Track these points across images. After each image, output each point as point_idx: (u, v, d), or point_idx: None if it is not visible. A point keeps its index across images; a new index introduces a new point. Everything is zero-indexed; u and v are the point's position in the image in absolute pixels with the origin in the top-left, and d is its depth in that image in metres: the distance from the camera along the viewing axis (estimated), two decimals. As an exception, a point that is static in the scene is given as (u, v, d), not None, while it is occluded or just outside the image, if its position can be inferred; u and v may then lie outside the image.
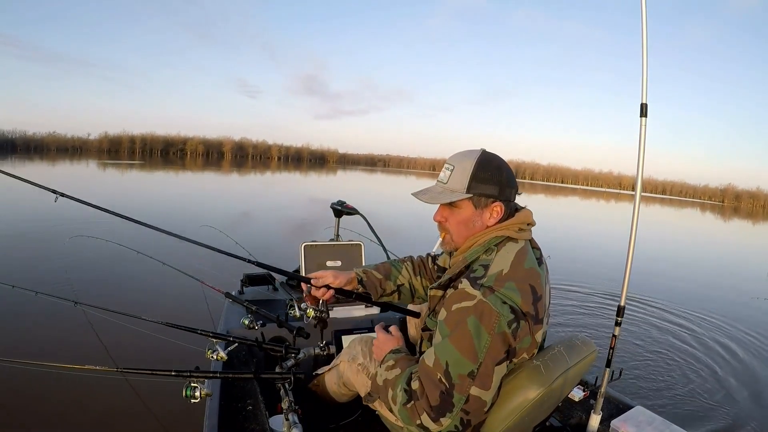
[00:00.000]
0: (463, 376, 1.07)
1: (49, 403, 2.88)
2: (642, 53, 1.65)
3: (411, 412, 1.12)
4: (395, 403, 1.18)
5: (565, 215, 22.08)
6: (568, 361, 1.22)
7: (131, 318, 2.02)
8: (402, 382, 1.19)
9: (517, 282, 1.12)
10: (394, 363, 1.27)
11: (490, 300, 1.07)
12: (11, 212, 10.09)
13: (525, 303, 1.11)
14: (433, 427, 1.10)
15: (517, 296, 1.10)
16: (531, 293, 1.13)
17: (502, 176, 1.24)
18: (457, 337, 1.07)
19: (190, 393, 1.48)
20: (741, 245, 17.61)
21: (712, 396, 3.59)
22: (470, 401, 1.08)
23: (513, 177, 1.25)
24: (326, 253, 2.76)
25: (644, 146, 1.71)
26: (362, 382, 1.66)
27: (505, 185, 1.23)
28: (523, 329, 1.10)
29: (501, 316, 1.07)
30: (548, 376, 1.15)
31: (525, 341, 1.13)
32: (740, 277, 9.95)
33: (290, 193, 20.95)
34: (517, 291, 1.11)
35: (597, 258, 9.71)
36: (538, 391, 1.13)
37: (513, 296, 1.10)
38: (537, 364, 1.16)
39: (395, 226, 10.12)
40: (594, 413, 1.84)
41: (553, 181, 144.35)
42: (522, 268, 1.15)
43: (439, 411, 1.08)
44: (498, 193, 1.23)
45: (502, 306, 1.08)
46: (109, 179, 23.20)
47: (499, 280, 1.12)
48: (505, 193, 1.23)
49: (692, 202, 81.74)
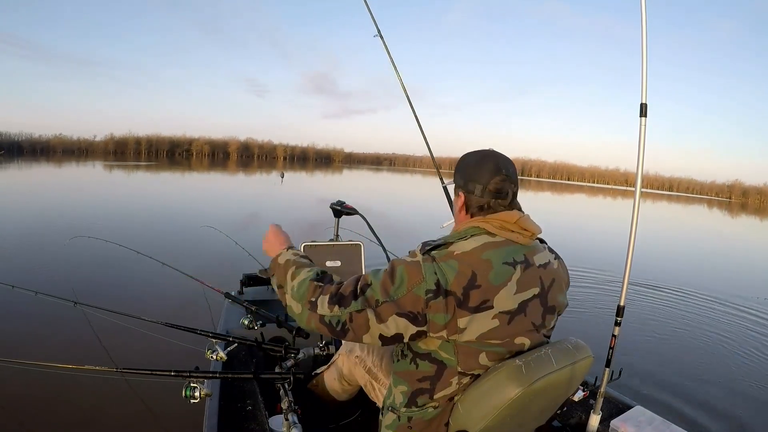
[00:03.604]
0: (371, 297, 1.15)
1: (49, 404, 2.88)
2: (642, 54, 1.65)
3: (314, 288, 1.21)
4: (296, 277, 1.27)
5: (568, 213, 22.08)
6: (554, 363, 1.19)
7: (131, 318, 2.02)
8: (315, 268, 1.30)
9: (461, 264, 1.14)
10: (298, 256, 1.37)
11: (425, 265, 1.14)
12: (11, 213, 10.10)
13: (455, 284, 1.12)
14: (321, 309, 1.17)
15: (451, 275, 1.13)
16: (468, 278, 1.13)
17: (469, 169, 1.29)
18: (386, 273, 1.17)
19: (190, 393, 1.48)
20: (747, 244, 17.60)
21: (713, 396, 3.59)
22: (360, 315, 1.14)
23: (483, 173, 1.26)
24: (326, 253, 2.76)
25: (644, 146, 1.71)
26: (360, 374, 1.67)
27: (468, 178, 1.28)
28: (438, 304, 1.11)
29: (424, 282, 1.12)
30: (529, 376, 1.13)
31: (438, 317, 1.12)
32: (743, 276, 9.95)
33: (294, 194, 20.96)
34: (455, 271, 1.13)
35: (598, 256, 9.72)
36: (516, 391, 1.12)
37: (447, 273, 1.13)
38: (519, 364, 1.15)
39: (395, 225, 10.13)
40: (594, 413, 1.84)
41: (560, 179, 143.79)
42: (478, 257, 1.16)
43: (338, 300, 1.17)
44: (462, 184, 1.29)
45: (431, 275, 1.12)
46: (115, 181, 23.25)
47: (446, 256, 1.16)
48: (468, 186, 1.27)
49: (699, 199, 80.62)
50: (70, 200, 13.43)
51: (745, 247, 16.54)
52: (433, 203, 1.43)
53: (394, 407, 1.29)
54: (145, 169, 35.58)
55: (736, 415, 3.32)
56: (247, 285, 2.86)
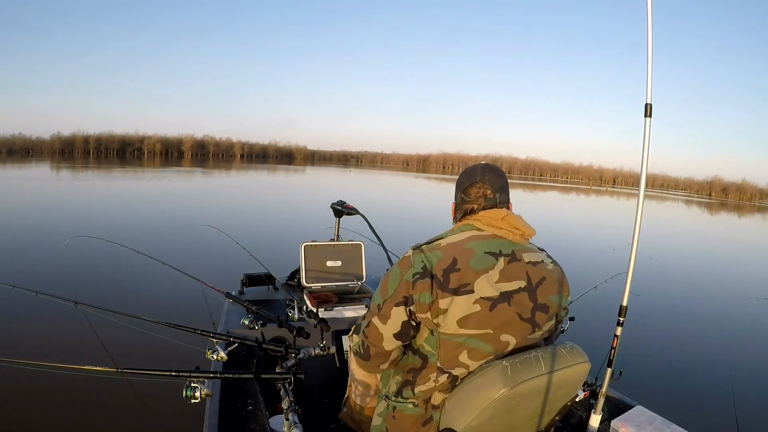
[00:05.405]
0: (374, 306, 1.30)
1: (49, 404, 2.88)
2: (647, 53, 1.64)
3: (349, 336, 1.44)
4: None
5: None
6: (543, 367, 1.18)
7: (131, 318, 2.02)
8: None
9: (444, 252, 1.24)
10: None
11: (414, 256, 1.26)
12: (11, 213, 10.10)
13: (437, 267, 1.21)
14: (348, 342, 1.45)
15: (435, 260, 1.22)
16: (450, 262, 1.21)
17: (457, 182, 1.46)
18: (384, 278, 1.32)
19: (191, 393, 1.48)
20: (742, 243, 17.61)
21: (713, 396, 3.60)
22: (370, 327, 1.29)
23: (463, 182, 1.42)
24: (326, 253, 2.76)
25: (648, 147, 1.70)
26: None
27: (456, 189, 1.46)
28: (424, 284, 1.20)
29: (411, 267, 1.24)
30: (513, 377, 1.13)
31: (424, 296, 1.20)
32: (741, 276, 9.95)
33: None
34: (439, 257, 1.23)
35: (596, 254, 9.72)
36: (500, 391, 1.11)
37: (432, 259, 1.23)
38: (505, 364, 1.15)
39: (395, 225, 10.12)
40: (594, 413, 1.83)
41: (531, 176, 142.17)
42: (462, 246, 1.25)
43: (355, 330, 1.39)
44: (455, 195, 1.47)
45: (419, 262, 1.23)
46: (114, 180, 23.18)
47: (434, 247, 1.27)
48: (455, 196, 1.46)
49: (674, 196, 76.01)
50: (70, 200, 13.43)
51: (745, 247, 16.55)
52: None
53: (388, 395, 1.36)
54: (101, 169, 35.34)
55: (737, 415, 3.32)
56: (248, 285, 2.85)
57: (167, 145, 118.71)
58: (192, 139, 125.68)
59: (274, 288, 2.90)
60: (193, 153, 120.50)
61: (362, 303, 2.53)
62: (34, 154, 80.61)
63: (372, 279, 3.05)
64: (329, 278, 2.73)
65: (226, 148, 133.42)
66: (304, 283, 2.67)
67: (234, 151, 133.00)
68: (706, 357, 4.60)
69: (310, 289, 2.65)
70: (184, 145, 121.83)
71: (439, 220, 3.90)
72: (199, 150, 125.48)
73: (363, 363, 1.35)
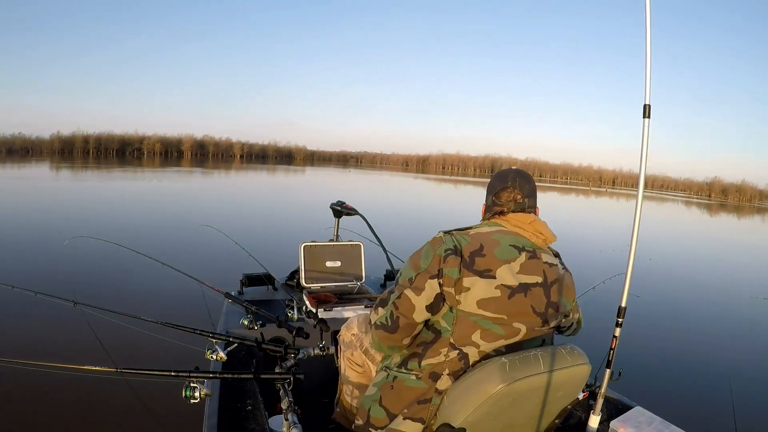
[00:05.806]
0: (404, 280, 1.35)
1: (49, 403, 2.88)
2: (646, 54, 1.64)
3: (372, 312, 1.43)
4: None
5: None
6: (542, 366, 1.19)
7: (131, 318, 2.02)
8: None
9: (473, 238, 1.34)
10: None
11: (445, 237, 1.35)
12: (11, 213, 10.10)
13: (466, 249, 1.31)
14: (373, 316, 1.40)
15: (464, 243, 1.32)
16: (477, 247, 1.31)
17: (488, 185, 1.55)
18: (413, 256, 1.38)
19: (190, 393, 1.48)
20: (742, 244, 17.62)
21: (712, 396, 3.60)
22: (402, 298, 1.32)
23: (495, 185, 1.51)
24: (326, 253, 2.76)
25: (647, 147, 1.71)
26: (357, 354, 1.70)
27: (487, 192, 1.54)
28: (454, 260, 1.29)
29: (443, 244, 1.33)
30: (511, 374, 1.14)
31: (452, 271, 1.28)
32: (741, 277, 9.96)
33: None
34: (468, 241, 1.33)
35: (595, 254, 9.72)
36: (497, 386, 1.13)
37: (461, 241, 1.33)
38: (504, 361, 1.17)
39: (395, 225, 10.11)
40: (593, 414, 1.83)
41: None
42: (489, 236, 1.35)
43: (380, 303, 1.40)
44: (485, 198, 1.56)
45: (450, 241, 1.33)
46: (113, 180, 23.18)
47: (463, 233, 1.37)
48: (486, 198, 1.54)
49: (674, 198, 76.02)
50: (69, 200, 13.43)
51: (744, 248, 16.55)
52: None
53: (389, 366, 1.41)
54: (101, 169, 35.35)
55: (736, 415, 3.32)
56: (247, 285, 2.85)
57: (167, 145, 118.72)
58: (191, 139, 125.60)
59: (273, 288, 2.90)
60: (192, 153, 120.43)
61: (362, 303, 2.53)
62: (34, 154, 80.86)
63: (371, 279, 3.05)
64: (328, 278, 2.73)
65: (226, 148, 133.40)
66: (304, 283, 2.67)
67: (233, 151, 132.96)
68: (705, 358, 4.60)
69: (310, 289, 2.65)
70: (183, 145, 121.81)
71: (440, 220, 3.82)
72: (199, 150, 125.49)
73: (387, 336, 1.36)
